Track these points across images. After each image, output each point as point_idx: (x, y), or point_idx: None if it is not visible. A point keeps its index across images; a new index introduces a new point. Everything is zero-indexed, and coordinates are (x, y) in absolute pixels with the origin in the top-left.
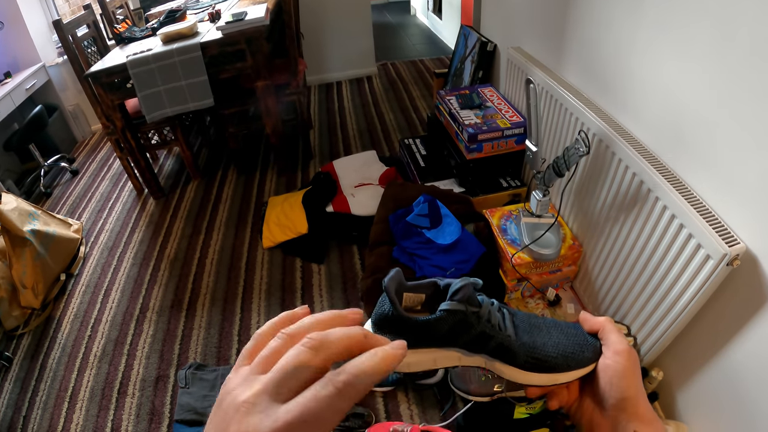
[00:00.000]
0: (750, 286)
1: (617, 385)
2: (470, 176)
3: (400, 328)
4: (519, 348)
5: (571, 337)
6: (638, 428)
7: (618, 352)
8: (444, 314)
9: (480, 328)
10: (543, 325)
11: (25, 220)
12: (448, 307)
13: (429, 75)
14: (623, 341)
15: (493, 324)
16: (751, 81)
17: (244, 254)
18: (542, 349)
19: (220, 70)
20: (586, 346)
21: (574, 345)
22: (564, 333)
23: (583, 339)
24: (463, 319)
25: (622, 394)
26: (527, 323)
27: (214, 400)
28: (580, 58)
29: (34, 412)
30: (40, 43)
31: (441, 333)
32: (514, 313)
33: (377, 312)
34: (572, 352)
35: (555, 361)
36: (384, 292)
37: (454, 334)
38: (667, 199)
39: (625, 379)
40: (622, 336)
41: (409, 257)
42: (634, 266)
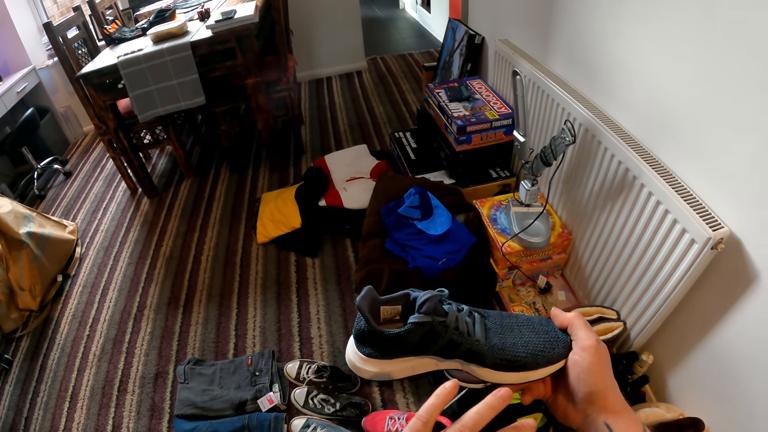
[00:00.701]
0: (735, 269)
1: (585, 380)
2: (460, 168)
3: (376, 341)
4: (488, 351)
5: (541, 335)
6: (608, 420)
7: (585, 348)
8: (413, 326)
9: (448, 336)
10: (515, 324)
11: (21, 223)
12: (416, 319)
13: (418, 69)
14: (591, 337)
15: (460, 331)
16: (732, 68)
17: (238, 250)
18: (511, 350)
19: (210, 69)
20: (557, 343)
21: (545, 342)
22: (535, 331)
23: (553, 335)
24: (431, 329)
25: (590, 388)
26: (499, 324)
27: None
28: (565, 49)
29: (36, 413)
30: (30, 45)
31: (413, 343)
32: (486, 316)
33: (356, 328)
34: (542, 350)
35: (524, 360)
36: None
37: (425, 343)
38: (652, 186)
39: (592, 374)
40: (590, 331)
41: (401, 248)
42: (622, 252)
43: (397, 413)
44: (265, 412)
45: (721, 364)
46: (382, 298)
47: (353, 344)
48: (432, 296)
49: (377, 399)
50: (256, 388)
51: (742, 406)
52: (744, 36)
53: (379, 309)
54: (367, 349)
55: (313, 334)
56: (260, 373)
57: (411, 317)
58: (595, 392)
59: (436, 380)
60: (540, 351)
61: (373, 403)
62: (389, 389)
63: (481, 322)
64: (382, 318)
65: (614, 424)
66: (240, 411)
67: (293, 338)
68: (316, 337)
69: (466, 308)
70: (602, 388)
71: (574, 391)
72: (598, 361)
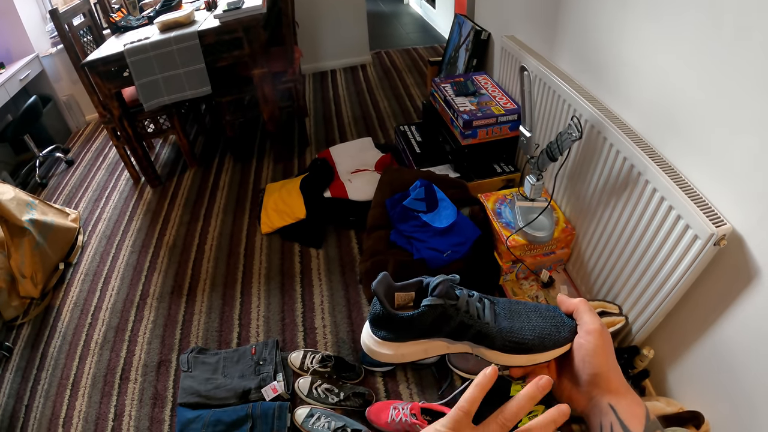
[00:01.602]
0: (736, 265)
1: (589, 363)
2: (465, 162)
3: (391, 324)
4: (497, 333)
5: (548, 319)
6: (612, 401)
7: (589, 331)
8: (426, 309)
9: (459, 318)
10: (523, 310)
11: (24, 210)
12: (428, 302)
13: (423, 63)
14: (595, 321)
15: (471, 314)
16: (737, 66)
17: (242, 240)
18: (519, 333)
19: (217, 59)
20: (563, 327)
21: (551, 327)
22: (542, 316)
23: (560, 320)
24: (443, 312)
25: (594, 370)
26: (507, 310)
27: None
28: (572, 46)
29: (36, 401)
30: (34, 33)
31: (426, 325)
32: (495, 302)
33: (371, 312)
34: (548, 334)
35: (531, 343)
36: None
37: (437, 325)
38: (657, 182)
39: (596, 357)
40: (595, 316)
41: (406, 240)
42: (625, 247)
43: (401, 403)
44: (269, 401)
45: (722, 359)
46: (396, 284)
47: (368, 328)
48: (444, 280)
49: (381, 389)
50: (260, 377)
51: (742, 401)
52: (750, 37)
53: (394, 295)
54: (382, 332)
55: (317, 324)
56: (264, 363)
57: (424, 300)
58: (599, 374)
59: (439, 371)
60: (547, 334)
61: (377, 393)
62: (393, 380)
63: (491, 307)
64: (396, 304)
65: (618, 404)
66: (244, 400)
67: (297, 328)
68: (320, 327)
69: (476, 294)
70: (606, 370)
71: (579, 374)
72: (603, 344)
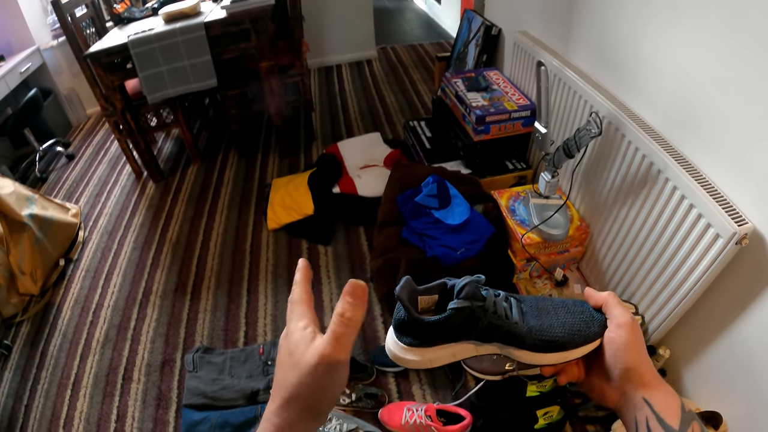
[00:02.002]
0: (757, 265)
1: (621, 357)
2: (477, 158)
3: (416, 330)
4: (526, 333)
5: (577, 315)
6: (646, 395)
7: (620, 325)
8: (452, 312)
9: (487, 319)
10: (551, 306)
11: (23, 205)
12: (455, 305)
13: (429, 59)
14: (626, 314)
15: (498, 314)
16: (759, 65)
17: (248, 236)
18: (549, 331)
19: (223, 51)
20: (592, 322)
21: (581, 322)
22: (570, 312)
23: (588, 315)
24: (471, 314)
25: (626, 364)
26: (534, 307)
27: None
28: (588, 42)
29: (36, 401)
30: (34, 25)
31: (453, 329)
32: (521, 300)
33: (396, 318)
34: (579, 329)
35: (562, 340)
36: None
37: (465, 328)
38: (677, 180)
39: (628, 351)
40: (625, 309)
41: (418, 237)
42: (642, 246)
43: (415, 404)
44: None
45: (739, 360)
46: (419, 288)
47: (393, 334)
48: (470, 281)
49: (393, 390)
50: (269, 377)
51: (759, 402)
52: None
53: (417, 299)
54: (408, 338)
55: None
56: (273, 363)
57: (450, 303)
58: (632, 368)
59: (452, 371)
60: (577, 330)
61: (389, 394)
62: (405, 380)
63: (518, 306)
64: (420, 308)
65: (652, 398)
66: (252, 401)
67: None
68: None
69: (502, 293)
70: (638, 364)
71: (610, 369)
72: (634, 338)
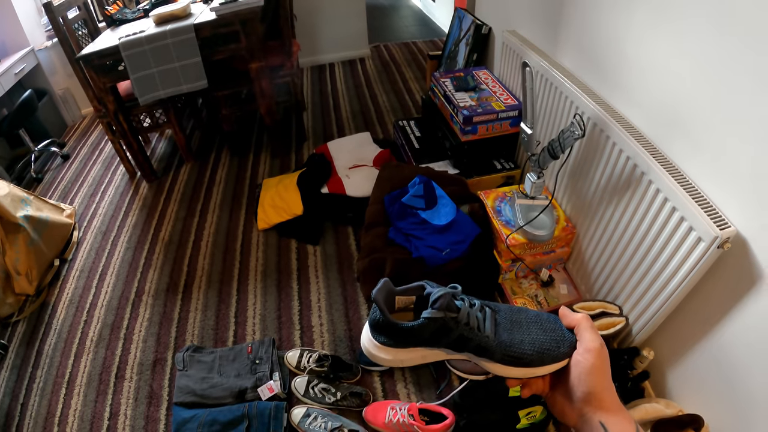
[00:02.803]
0: (740, 269)
1: (585, 380)
2: (465, 158)
3: (389, 331)
4: (496, 347)
5: (549, 333)
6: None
7: (588, 349)
8: (425, 321)
9: (458, 331)
10: (524, 320)
11: (18, 206)
12: (428, 315)
13: (422, 57)
14: (595, 339)
15: (471, 327)
16: (746, 66)
17: (239, 236)
18: (519, 347)
19: (213, 52)
20: (563, 342)
21: (551, 341)
22: (543, 329)
23: (560, 334)
24: (443, 324)
25: (589, 388)
26: (509, 320)
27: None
28: (575, 42)
29: (32, 399)
30: (29, 26)
31: (425, 336)
32: (497, 310)
33: (371, 318)
34: (548, 348)
35: (530, 357)
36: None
37: (437, 337)
38: (660, 183)
39: (591, 375)
40: (596, 334)
41: (404, 237)
42: (627, 248)
43: (399, 403)
44: (265, 401)
45: (723, 362)
46: (398, 288)
47: (368, 331)
48: (445, 293)
49: (378, 389)
50: (257, 376)
51: (743, 405)
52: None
53: (395, 299)
54: (382, 338)
55: (314, 323)
56: (260, 361)
57: (424, 312)
58: (593, 392)
59: (437, 370)
60: (546, 349)
61: (374, 393)
62: (390, 379)
63: (492, 318)
64: (397, 306)
65: (608, 422)
66: (240, 399)
67: (294, 326)
68: (317, 326)
69: (478, 303)
70: (600, 389)
71: (573, 390)
72: (600, 364)
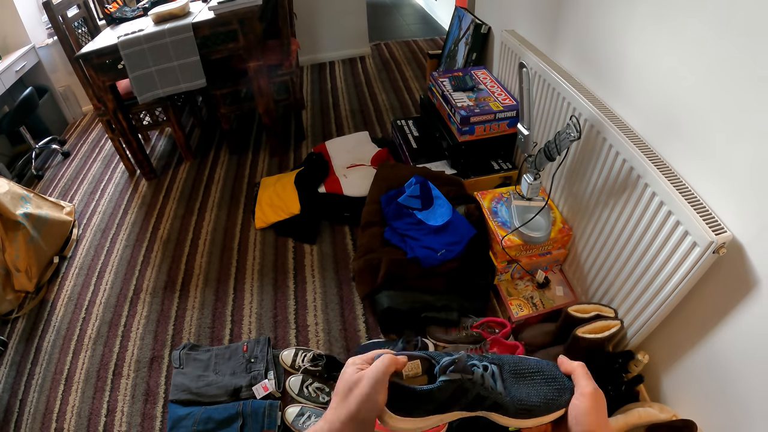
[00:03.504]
0: (736, 274)
1: (580, 422)
2: (462, 158)
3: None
4: (509, 403)
5: (551, 383)
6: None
7: (584, 394)
8: (443, 384)
9: (475, 391)
10: (527, 372)
11: (18, 204)
12: (447, 378)
13: (422, 56)
14: (590, 385)
15: (486, 386)
16: (743, 69)
17: (236, 235)
18: (528, 400)
19: (212, 51)
20: (564, 390)
21: (554, 391)
22: (545, 379)
23: (561, 383)
24: (460, 386)
25: (584, 428)
26: (513, 373)
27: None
28: (574, 43)
29: (30, 396)
30: (30, 24)
31: (443, 399)
32: (501, 365)
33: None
34: (552, 398)
35: (539, 409)
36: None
37: (455, 398)
38: (656, 186)
39: (587, 416)
40: (590, 380)
41: (400, 238)
42: (623, 251)
43: None
44: (259, 400)
45: (717, 367)
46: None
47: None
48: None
49: None
50: (251, 375)
51: (737, 410)
52: (758, 41)
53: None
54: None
55: (310, 322)
56: (255, 360)
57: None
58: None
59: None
60: (551, 399)
61: None
62: None
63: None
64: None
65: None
66: (235, 398)
67: (289, 325)
68: (312, 325)
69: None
70: (595, 428)
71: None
72: (595, 406)
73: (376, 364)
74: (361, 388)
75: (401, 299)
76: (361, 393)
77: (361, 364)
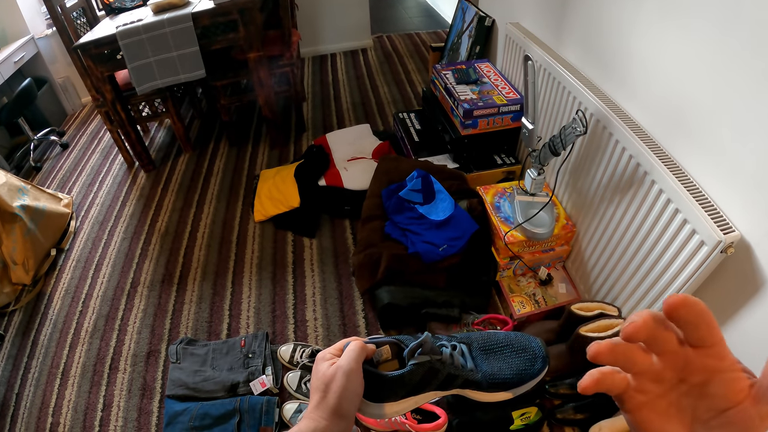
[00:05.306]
0: (743, 274)
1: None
2: (464, 152)
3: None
4: (482, 378)
5: (521, 354)
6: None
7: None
8: (413, 367)
9: (446, 370)
10: (497, 346)
11: (15, 196)
12: (416, 361)
13: (425, 49)
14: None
15: (455, 365)
16: (754, 65)
17: (235, 228)
18: (499, 374)
19: (212, 41)
20: (536, 359)
21: (526, 361)
22: (515, 351)
23: (532, 353)
24: (431, 367)
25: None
26: (483, 350)
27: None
28: (580, 37)
29: (27, 389)
30: (29, 14)
31: (415, 381)
32: (470, 342)
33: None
34: (525, 368)
35: (512, 381)
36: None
37: (426, 380)
38: (664, 183)
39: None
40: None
41: (401, 232)
42: (627, 248)
43: None
44: (257, 395)
45: None
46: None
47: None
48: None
49: None
50: (249, 370)
51: None
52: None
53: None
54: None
55: (308, 317)
56: (253, 356)
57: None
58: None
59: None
60: (523, 369)
61: None
62: None
63: (469, 352)
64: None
65: None
66: (232, 393)
67: (288, 320)
68: (311, 320)
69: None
70: None
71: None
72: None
73: (346, 355)
74: (338, 381)
75: (402, 295)
76: (338, 387)
77: (331, 357)
